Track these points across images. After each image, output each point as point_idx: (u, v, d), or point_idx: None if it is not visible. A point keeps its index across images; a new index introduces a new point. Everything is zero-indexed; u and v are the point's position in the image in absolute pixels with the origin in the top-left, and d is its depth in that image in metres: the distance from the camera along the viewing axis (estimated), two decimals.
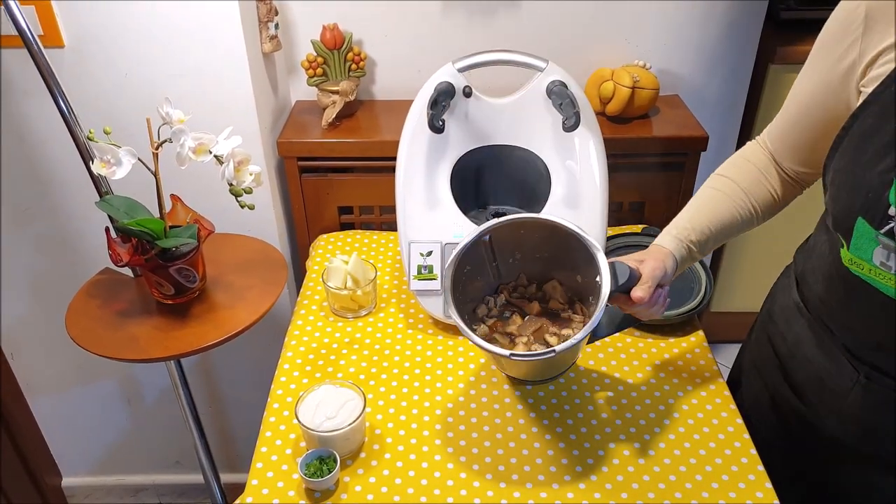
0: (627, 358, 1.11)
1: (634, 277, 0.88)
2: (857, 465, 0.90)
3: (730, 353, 2.23)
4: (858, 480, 0.92)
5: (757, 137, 0.97)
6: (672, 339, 1.15)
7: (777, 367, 0.99)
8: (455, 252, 0.93)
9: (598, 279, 0.87)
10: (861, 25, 0.75)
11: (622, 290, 0.87)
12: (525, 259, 1.01)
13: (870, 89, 0.74)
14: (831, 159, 0.79)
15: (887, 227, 0.70)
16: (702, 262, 1.25)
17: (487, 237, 0.96)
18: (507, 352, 0.88)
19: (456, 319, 0.90)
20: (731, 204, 0.93)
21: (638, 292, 0.87)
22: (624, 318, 0.96)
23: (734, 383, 1.13)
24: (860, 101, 0.75)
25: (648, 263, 0.89)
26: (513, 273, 1.03)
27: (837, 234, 0.79)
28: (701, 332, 1.17)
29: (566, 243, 0.93)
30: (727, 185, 0.94)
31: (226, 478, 1.56)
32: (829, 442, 0.91)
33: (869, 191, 0.72)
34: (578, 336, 0.86)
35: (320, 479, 0.90)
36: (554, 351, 0.86)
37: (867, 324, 0.82)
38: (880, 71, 0.73)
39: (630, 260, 0.90)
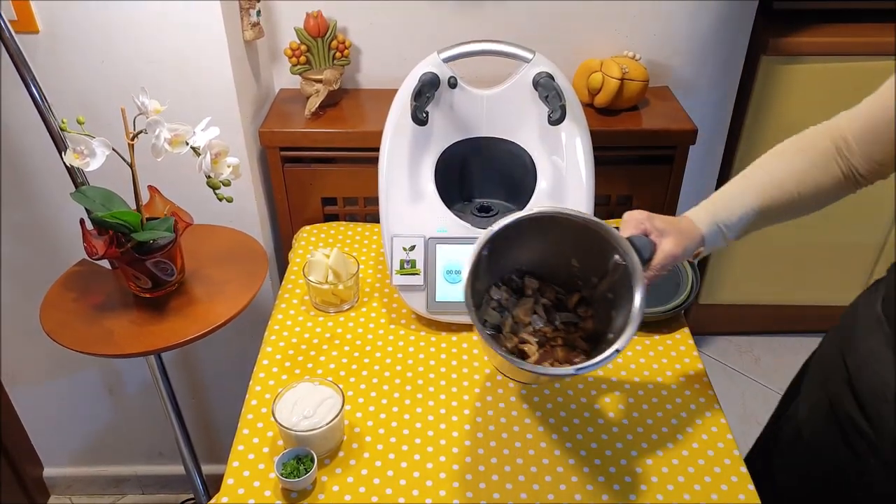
0: None
1: (651, 252, 0.84)
2: None
3: (718, 346, 2.22)
4: None
5: (825, 122, 0.88)
6: (657, 336, 1.14)
7: (844, 380, 0.91)
8: (465, 278, 0.84)
9: (615, 258, 0.83)
10: None
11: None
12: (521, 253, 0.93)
13: None
14: None
15: None
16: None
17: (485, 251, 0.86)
18: (571, 369, 0.80)
19: (494, 345, 0.82)
20: (782, 190, 0.87)
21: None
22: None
23: (794, 389, 1.07)
24: None
25: (668, 241, 0.84)
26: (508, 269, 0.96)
27: None
28: (686, 329, 1.15)
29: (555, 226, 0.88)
30: (784, 171, 0.87)
31: (208, 469, 1.55)
32: (888, 463, 0.85)
33: None
34: (626, 336, 0.81)
35: (297, 480, 0.88)
36: (617, 350, 0.81)
37: None
38: None
39: (655, 225, 0.85)
